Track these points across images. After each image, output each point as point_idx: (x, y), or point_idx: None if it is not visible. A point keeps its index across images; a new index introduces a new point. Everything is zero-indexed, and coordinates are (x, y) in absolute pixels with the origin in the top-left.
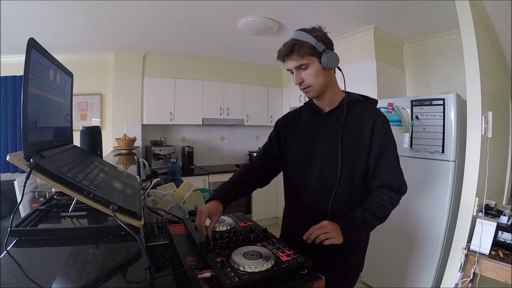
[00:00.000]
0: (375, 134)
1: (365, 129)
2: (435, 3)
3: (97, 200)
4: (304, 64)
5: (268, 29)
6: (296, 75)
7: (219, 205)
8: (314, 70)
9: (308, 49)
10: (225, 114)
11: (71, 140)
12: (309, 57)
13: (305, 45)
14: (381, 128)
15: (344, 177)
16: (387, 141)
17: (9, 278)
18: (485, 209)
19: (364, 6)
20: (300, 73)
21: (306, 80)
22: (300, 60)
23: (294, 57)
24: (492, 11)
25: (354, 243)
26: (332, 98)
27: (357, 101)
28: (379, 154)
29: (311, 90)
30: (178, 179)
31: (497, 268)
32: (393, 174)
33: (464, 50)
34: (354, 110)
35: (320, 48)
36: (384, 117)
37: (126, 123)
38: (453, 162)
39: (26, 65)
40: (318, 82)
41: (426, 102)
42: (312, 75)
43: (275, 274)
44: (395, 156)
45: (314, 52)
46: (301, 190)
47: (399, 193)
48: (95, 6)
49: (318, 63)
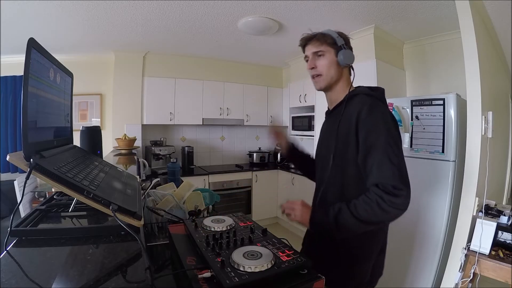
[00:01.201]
0: (360, 126)
1: (351, 122)
2: (435, 3)
3: (97, 200)
4: (321, 51)
5: (268, 29)
6: (311, 60)
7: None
8: (329, 60)
9: (329, 39)
10: (225, 114)
11: (71, 140)
12: (327, 47)
13: (327, 36)
14: (366, 118)
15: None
16: (374, 134)
17: (9, 278)
18: (485, 209)
19: (364, 6)
20: (315, 59)
21: (319, 67)
22: (319, 46)
23: (314, 42)
24: (492, 11)
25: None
26: (336, 95)
27: (357, 94)
28: (365, 150)
29: (320, 80)
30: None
31: (497, 268)
32: (383, 173)
33: (464, 50)
34: (350, 105)
35: (339, 42)
36: (373, 104)
37: (126, 123)
38: (453, 162)
39: (26, 65)
40: (329, 74)
41: (426, 102)
42: (325, 64)
43: (275, 274)
44: (383, 151)
45: (333, 45)
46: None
47: (393, 195)
48: (95, 6)
49: (334, 56)
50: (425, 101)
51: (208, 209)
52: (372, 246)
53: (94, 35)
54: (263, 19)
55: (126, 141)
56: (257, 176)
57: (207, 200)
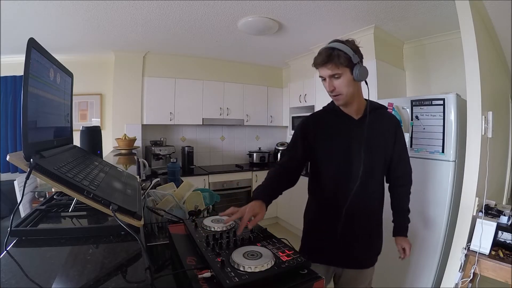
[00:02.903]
0: (398, 137)
1: (389, 133)
2: (435, 3)
3: (97, 200)
4: (338, 74)
5: (268, 29)
6: (329, 83)
7: (262, 204)
8: (346, 80)
9: (344, 60)
10: (225, 114)
11: (71, 140)
12: (343, 68)
13: (342, 56)
14: (402, 132)
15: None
16: (403, 141)
17: (9, 278)
18: (485, 209)
19: (364, 6)
20: (333, 81)
21: (338, 88)
22: (335, 70)
23: (330, 66)
24: (492, 11)
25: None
26: (358, 106)
27: (378, 108)
28: (400, 151)
29: (341, 98)
30: (178, 179)
31: (497, 268)
32: (408, 165)
33: (464, 50)
34: (378, 117)
35: (355, 60)
36: (400, 123)
37: (126, 123)
38: (453, 162)
39: (26, 65)
40: (348, 92)
41: (426, 102)
42: (344, 84)
43: (275, 274)
44: (407, 155)
45: (348, 64)
46: (341, 189)
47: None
48: (95, 6)
49: (350, 74)
50: (425, 101)
51: (208, 209)
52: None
53: (94, 35)
54: (263, 19)
55: (126, 141)
56: (257, 176)
57: (207, 200)
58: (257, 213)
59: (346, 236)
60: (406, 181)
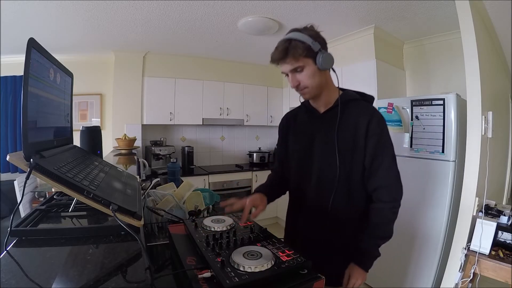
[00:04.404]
0: (369, 134)
1: (360, 129)
2: (435, 3)
3: (97, 200)
4: (300, 67)
5: (268, 29)
6: (292, 78)
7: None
8: (310, 71)
9: (303, 50)
10: (225, 114)
11: (71, 140)
12: (304, 59)
13: (299, 46)
14: (376, 128)
15: (342, 176)
16: (382, 141)
17: (9, 278)
18: (485, 209)
19: (364, 6)
20: (296, 75)
21: (302, 82)
22: (295, 63)
23: (289, 60)
24: (492, 11)
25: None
26: (327, 98)
27: (353, 99)
28: (374, 155)
29: (307, 92)
30: (178, 179)
31: (497, 268)
32: (388, 176)
33: (464, 50)
34: (349, 109)
35: (315, 47)
36: (380, 116)
37: (126, 123)
38: (453, 162)
39: (26, 65)
40: (314, 83)
41: (426, 102)
42: (308, 76)
43: (275, 274)
44: (391, 157)
45: (309, 53)
46: (302, 190)
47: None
48: (95, 6)
49: (313, 64)
50: (425, 101)
51: (208, 209)
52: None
53: (94, 35)
54: (263, 19)
55: (126, 141)
56: (257, 176)
57: (207, 200)
58: (258, 205)
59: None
60: (380, 197)
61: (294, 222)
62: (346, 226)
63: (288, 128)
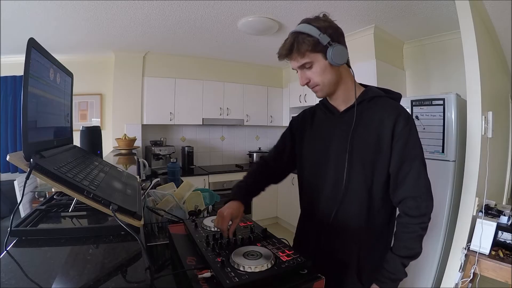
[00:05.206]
0: (396, 136)
1: (385, 130)
2: (435, 3)
3: (97, 200)
4: (308, 63)
5: (268, 29)
6: (301, 75)
7: (240, 205)
8: (320, 67)
9: (309, 45)
10: (225, 114)
11: (71, 140)
12: (311, 55)
13: (305, 41)
14: (404, 128)
15: (356, 184)
16: (411, 145)
17: (9, 278)
18: (485, 209)
19: (364, 6)
20: (305, 72)
21: (312, 79)
22: (301, 60)
23: (295, 57)
24: (492, 11)
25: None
26: (345, 95)
27: (376, 96)
28: (401, 160)
29: (319, 90)
30: (178, 179)
31: (497, 268)
32: (418, 186)
33: (464, 50)
34: (372, 108)
35: (324, 40)
36: (408, 115)
37: (126, 123)
38: (453, 162)
39: (26, 65)
40: (326, 80)
41: (426, 102)
42: (317, 73)
43: (275, 274)
44: (420, 164)
45: (317, 48)
46: (315, 197)
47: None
48: (95, 6)
49: (323, 59)
50: (425, 101)
51: (208, 209)
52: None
53: (94, 35)
54: (263, 19)
55: (126, 141)
56: None
57: (207, 200)
58: (236, 217)
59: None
60: (407, 210)
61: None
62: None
63: (303, 126)
